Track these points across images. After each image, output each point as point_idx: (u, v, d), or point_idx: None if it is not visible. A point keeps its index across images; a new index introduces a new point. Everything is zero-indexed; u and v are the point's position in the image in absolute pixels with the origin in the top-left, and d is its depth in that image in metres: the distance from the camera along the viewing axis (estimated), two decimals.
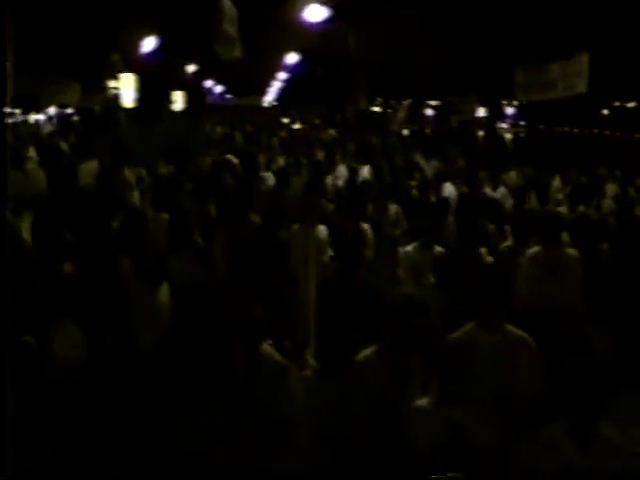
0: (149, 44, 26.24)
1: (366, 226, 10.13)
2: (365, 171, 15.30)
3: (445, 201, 11.69)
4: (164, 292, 7.15)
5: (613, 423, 4.64)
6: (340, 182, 14.46)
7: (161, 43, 26.20)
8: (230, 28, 14.26)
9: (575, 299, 8.17)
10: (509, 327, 6.04)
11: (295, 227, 9.35)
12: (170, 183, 11.31)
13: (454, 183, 14.27)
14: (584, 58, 18.96)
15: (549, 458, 4.50)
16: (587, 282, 8.34)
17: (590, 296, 8.17)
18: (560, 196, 14.26)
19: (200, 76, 36.31)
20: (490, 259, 8.74)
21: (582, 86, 18.92)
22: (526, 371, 5.73)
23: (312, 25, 21.81)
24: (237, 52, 14.78)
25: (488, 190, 14.24)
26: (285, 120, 38.06)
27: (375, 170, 14.96)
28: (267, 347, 5.39)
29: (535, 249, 8.73)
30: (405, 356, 5.51)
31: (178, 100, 32.21)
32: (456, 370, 5.13)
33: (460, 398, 5.07)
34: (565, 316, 7.39)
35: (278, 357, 5.38)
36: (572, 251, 8.73)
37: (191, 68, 34.57)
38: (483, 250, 8.87)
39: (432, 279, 8.30)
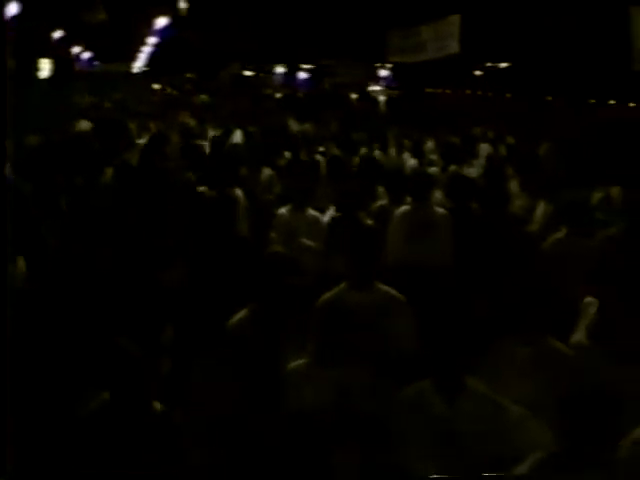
0: (11, 10, 25.24)
1: (239, 191, 9.96)
2: (237, 135, 15.06)
3: (317, 164, 11.56)
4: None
5: (480, 377, 4.74)
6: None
7: (23, 8, 25.25)
8: None
9: (445, 257, 8.17)
10: (380, 285, 6.01)
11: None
12: (37, 153, 10.95)
13: (328, 146, 14.18)
14: (455, 19, 19.06)
15: (418, 412, 4.56)
16: (457, 240, 8.32)
17: (460, 254, 8.16)
18: (434, 156, 14.27)
19: (67, 42, 35.27)
20: (366, 220, 8.65)
21: (454, 47, 19.03)
22: (397, 329, 5.73)
23: None
24: (101, 15, 14.30)
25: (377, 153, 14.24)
26: (156, 86, 37.39)
27: (247, 134, 14.73)
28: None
29: (404, 208, 8.71)
30: (279, 317, 5.47)
31: (45, 68, 31.16)
32: (329, 330, 5.03)
33: (336, 359, 5.00)
34: (435, 274, 7.37)
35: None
36: (441, 210, 8.75)
37: (57, 34, 33.52)
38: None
39: (307, 242, 8.18)
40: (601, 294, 5.99)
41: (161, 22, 33.76)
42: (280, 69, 35.25)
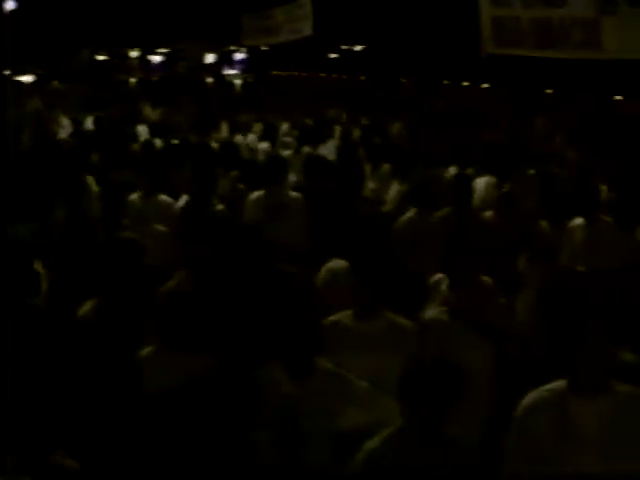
0: None
1: (90, 178, 9.81)
2: (89, 122, 14.77)
3: (174, 148, 11.47)
4: None
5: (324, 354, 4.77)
6: (63, 134, 13.87)
7: None
8: None
9: (299, 240, 8.20)
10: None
11: None
12: None
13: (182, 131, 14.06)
14: (307, 2, 19.04)
15: (268, 393, 4.58)
16: (312, 222, 8.38)
17: (316, 236, 8.22)
18: (289, 139, 14.30)
19: None
20: (221, 207, 8.62)
21: (307, 30, 19.02)
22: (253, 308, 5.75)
23: None
24: None
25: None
26: (6, 72, 36.26)
27: (98, 121, 14.46)
28: None
29: (258, 192, 8.76)
30: (126, 303, 5.38)
31: None
32: (175, 317, 4.99)
33: (186, 344, 4.97)
34: (289, 256, 7.39)
35: None
36: (294, 193, 8.83)
37: None
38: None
39: (158, 227, 8.09)
40: (449, 270, 6.11)
41: (10, 5, 32.73)
42: (134, 53, 34.72)
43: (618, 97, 22.60)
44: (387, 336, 5.24)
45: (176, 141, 12.80)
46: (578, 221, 8.33)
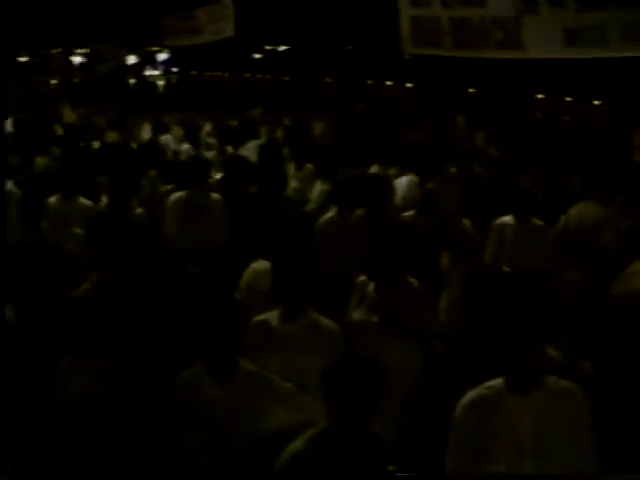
0: None
1: (9, 182, 9.64)
2: (8, 125, 14.48)
3: (91, 151, 11.33)
4: None
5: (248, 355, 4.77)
6: None
7: None
8: None
9: (220, 241, 8.15)
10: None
11: None
12: None
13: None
14: (229, 2, 18.96)
15: (192, 395, 4.56)
16: (234, 223, 8.36)
17: (238, 237, 8.20)
18: (212, 140, 14.23)
19: None
20: (140, 209, 8.54)
21: (229, 30, 18.94)
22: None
23: None
24: None
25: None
26: None
27: (17, 123, 14.21)
28: None
29: (178, 193, 8.72)
30: (48, 311, 5.27)
31: None
32: (81, 323, 4.90)
33: (99, 349, 4.89)
34: (210, 257, 7.36)
35: None
36: (215, 194, 8.79)
37: None
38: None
39: (78, 230, 7.96)
40: (371, 271, 6.14)
41: None
42: (56, 54, 34.25)
43: (540, 96, 22.94)
44: (311, 337, 5.26)
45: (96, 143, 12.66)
46: (506, 219, 8.40)
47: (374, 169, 11.11)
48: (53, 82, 27.33)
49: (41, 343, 5.02)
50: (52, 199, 8.66)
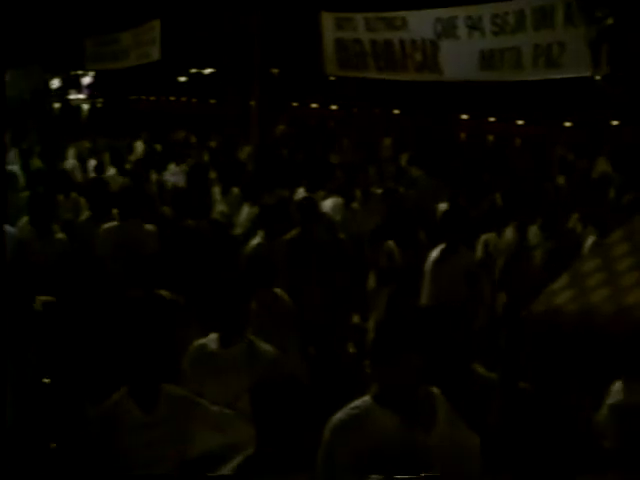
0: None
1: None
2: None
3: (9, 176, 11.18)
4: None
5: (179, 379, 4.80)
6: None
7: None
8: None
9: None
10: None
11: None
12: None
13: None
14: (156, 25, 18.91)
15: (115, 423, 4.47)
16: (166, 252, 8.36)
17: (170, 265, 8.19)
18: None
19: None
20: (61, 235, 8.44)
21: (155, 54, 18.88)
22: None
23: None
24: None
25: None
26: None
27: None
28: None
29: (110, 224, 8.67)
30: None
31: None
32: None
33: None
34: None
35: None
36: (150, 226, 8.74)
37: None
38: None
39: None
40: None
41: None
42: None
43: (464, 116, 23.29)
44: (249, 361, 5.27)
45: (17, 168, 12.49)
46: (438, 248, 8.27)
47: (301, 192, 11.18)
48: None
49: None
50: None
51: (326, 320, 7.85)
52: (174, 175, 12.92)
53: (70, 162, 14.12)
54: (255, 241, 8.29)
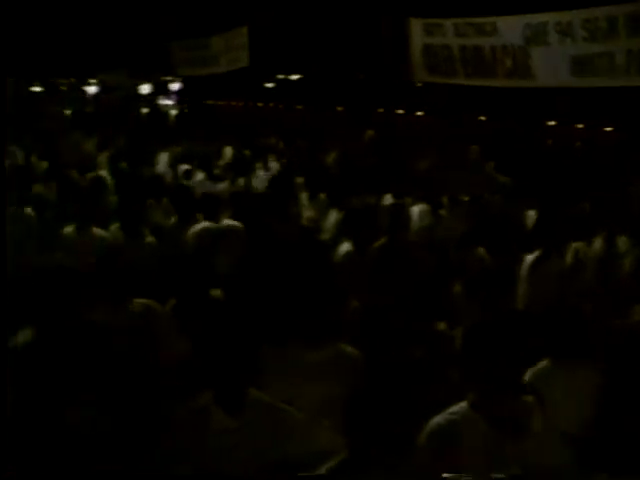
0: None
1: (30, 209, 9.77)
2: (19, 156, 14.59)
3: (100, 180, 11.37)
4: None
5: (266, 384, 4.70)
6: None
7: None
8: None
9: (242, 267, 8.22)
10: (136, 301, 6.20)
11: None
12: None
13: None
14: (244, 31, 19.08)
15: (200, 428, 4.47)
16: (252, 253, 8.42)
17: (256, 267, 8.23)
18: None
19: None
20: (151, 239, 8.58)
21: (244, 60, 19.05)
22: (165, 339, 5.74)
23: None
24: None
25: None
26: None
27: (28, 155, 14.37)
28: None
29: (201, 225, 8.85)
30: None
31: None
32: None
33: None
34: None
35: None
36: (237, 230, 8.95)
37: None
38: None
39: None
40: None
41: None
42: (69, 84, 34.41)
43: (551, 123, 22.96)
44: (334, 366, 5.23)
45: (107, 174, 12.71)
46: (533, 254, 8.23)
47: (387, 198, 11.15)
48: (67, 112, 27.44)
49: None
50: (67, 229, 8.71)
51: (411, 327, 7.80)
52: (261, 180, 12.99)
53: (161, 167, 14.30)
54: (344, 248, 8.26)
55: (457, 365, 5.37)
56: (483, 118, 23.65)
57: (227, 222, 9.09)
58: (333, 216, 10.47)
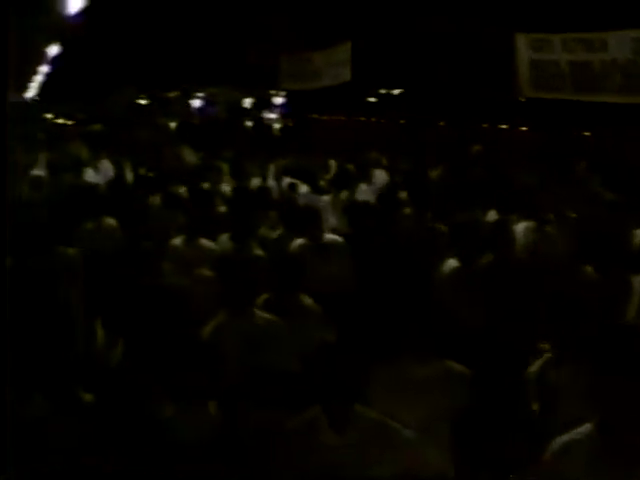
0: None
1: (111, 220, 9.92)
2: (128, 167, 14.87)
3: (209, 193, 11.53)
4: None
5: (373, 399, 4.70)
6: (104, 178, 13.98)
7: None
8: None
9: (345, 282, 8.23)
10: (258, 312, 6.20)
11: None
12: None
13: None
14: (347, 47, 19.15)
15: (307, 442, 4.48)
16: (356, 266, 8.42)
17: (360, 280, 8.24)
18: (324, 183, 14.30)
19: None
20: (260, 251, 8.65)
21: (346, 75, 19.12)
22: (277, 353, 5.77)
23: (72, 14, 20.89)
24: None
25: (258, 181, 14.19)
26: (49, 116, 36.74)
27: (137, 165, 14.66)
28: None
29: (299, 240, 8.87)
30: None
31: None
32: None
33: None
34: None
35: None
36: (335, 237, 8.97)
37: None
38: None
39: (206, 272, 8.07)
40: None
41: (52, 50, 33.20)
42: (174, 96, 35.01)
43: None
44: (442, 382, 5.19)
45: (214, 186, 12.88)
46: None
47: (492, 214, 11.03)
48: (173, 124, 27.95)
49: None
50: (176, 240, 8.82)
51: (518, 345, 7.71)
52: (365, 194, 12.98)
53: (269, 180, 14.43)
54: (450, 264, 8.20)
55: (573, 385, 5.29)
56: (588, 133, 23.31)
57: (329, 236, 9.08)
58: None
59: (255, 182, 13.91)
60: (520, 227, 10.51)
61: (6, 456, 3.72)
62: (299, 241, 8.83)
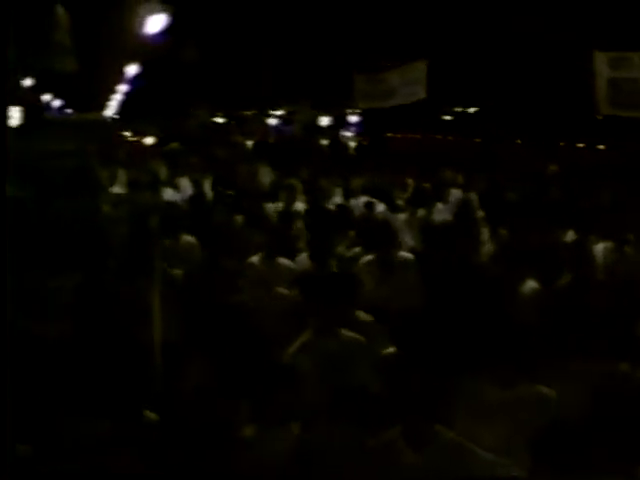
0: None
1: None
2: (207, 185, 15.03)
3: (289, 213, 11.62)
4: None
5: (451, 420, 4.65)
6: (183, 196, 14.15)
7: None
8: (64, 38, 13.78)
9: (413, 300, 8.20)
10: (343, 331, 6.16)
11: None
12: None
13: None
14: (422, 65, 19.16)
15: (387, 463, 4.47)
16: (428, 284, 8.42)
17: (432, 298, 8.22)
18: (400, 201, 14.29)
19: (37, 90, 35.20)
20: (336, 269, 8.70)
21: (421, 93, 19.12)
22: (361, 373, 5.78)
23: (151, 35, 21.28)
24: (71, 64, 14.27)
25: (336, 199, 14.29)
26: (127, 134, 37.35)
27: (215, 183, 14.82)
28: None
29: (369, 256, 8.90)
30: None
31: (14, 116, 30.95)
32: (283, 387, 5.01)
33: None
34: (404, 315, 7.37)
35: None
36: (407, 254, 8.94)
37: (26, 82, 33.40)
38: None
39: (283, 290, 8.14)
40: None
41: (131, 70, 33.82)
42: (251, 115, 35.33)
43: None
44: (526, 405, 5.17)
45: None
46: None
47: (570, 235, 10.94)
48: (248, 143, 28.18)
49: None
50: (253, 258, 8.91)
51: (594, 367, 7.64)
52: (440, 213, 12.98)
53: (340, 198, 14.46)
54: (530, 285, 8.15)
55: None
56: None
57: (401, 254, 9.09)
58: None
59: (332, 201, 13.96)
60: (599, 247, 10.42)
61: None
62: (367, 257, 8.85)
